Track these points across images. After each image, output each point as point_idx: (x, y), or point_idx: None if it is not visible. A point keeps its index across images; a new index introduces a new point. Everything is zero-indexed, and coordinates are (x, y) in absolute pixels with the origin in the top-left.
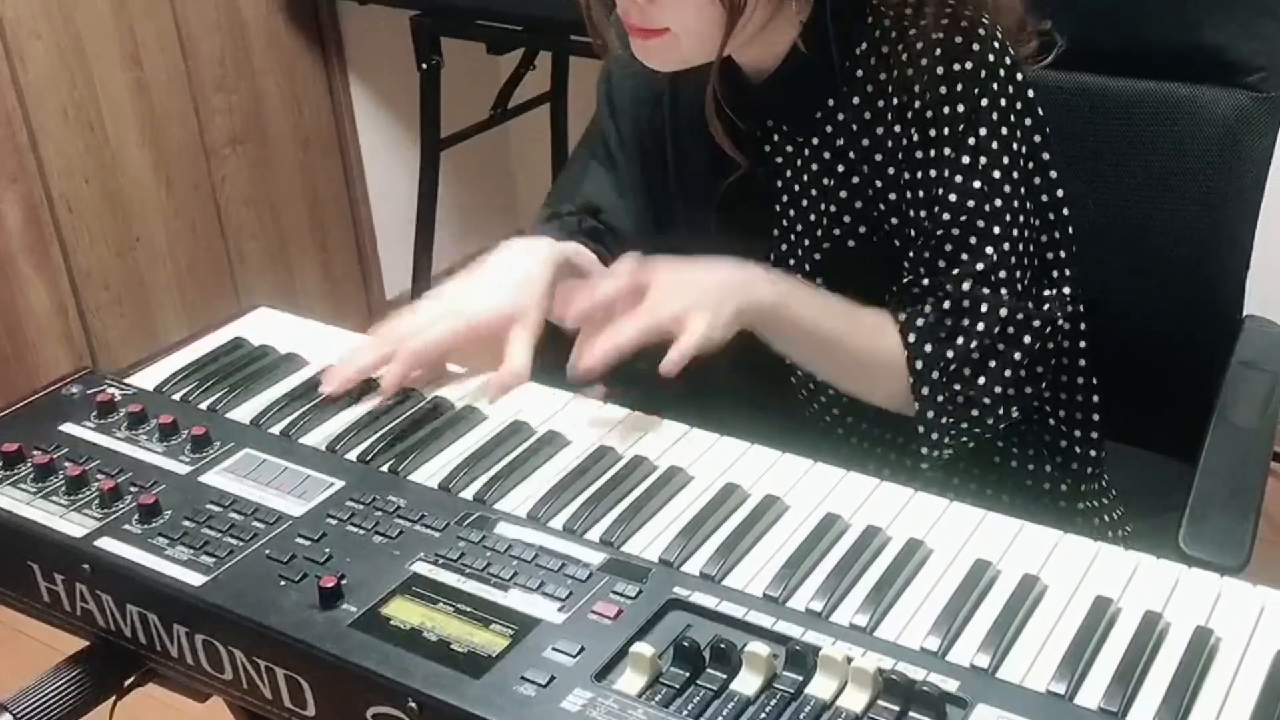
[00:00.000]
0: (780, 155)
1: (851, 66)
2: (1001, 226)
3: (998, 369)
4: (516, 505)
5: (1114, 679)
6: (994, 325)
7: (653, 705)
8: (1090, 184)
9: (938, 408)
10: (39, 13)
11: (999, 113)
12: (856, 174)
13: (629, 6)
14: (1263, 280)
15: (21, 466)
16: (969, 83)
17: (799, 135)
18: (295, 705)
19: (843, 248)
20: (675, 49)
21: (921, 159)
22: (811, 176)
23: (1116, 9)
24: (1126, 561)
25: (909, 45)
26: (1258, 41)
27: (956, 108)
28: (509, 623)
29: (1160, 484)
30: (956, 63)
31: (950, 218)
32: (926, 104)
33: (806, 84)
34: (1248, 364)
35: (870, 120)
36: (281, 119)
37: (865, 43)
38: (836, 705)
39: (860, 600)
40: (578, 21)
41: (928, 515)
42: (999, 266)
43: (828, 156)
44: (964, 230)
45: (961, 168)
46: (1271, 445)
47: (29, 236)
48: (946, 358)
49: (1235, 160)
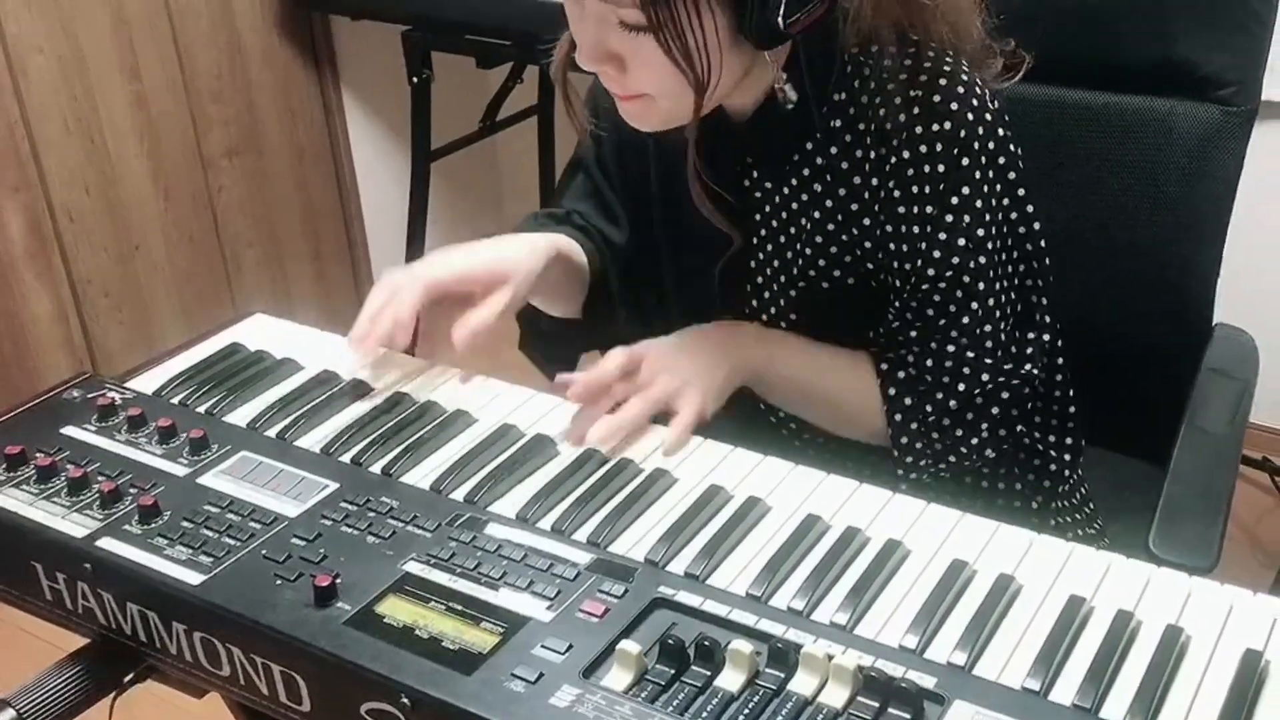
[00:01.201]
0: (759, 191)
1: (829, 114)
2: (985, 282)
3: (975, 422)
4: (506, 506)
5: (1087, 676)
6: (974, 386)
7: (639, 701)
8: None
9: (915, 453)
10: (41, 27)
11: (979, 170)
12: (832, 220)
13: (605, 77)
14: (1232, 289)
15: (24, 468)
16: (949, 143)
17: (776, 176)
18: (291, 701)
19: (817, 288)
20: (655, 111)
21: (904, 214)
22: (790, 215)
23: (1090, 24)
24: (1099, 562)
25: (887, 101)
26: (1228, 56)
27: (937, 167)
28: (499, 621)
29: (1131, 487)
30: (936, 123)
31: (935, 273)
32: (905, 161)
33: (783, 128)
34: (1217, 371)
35: (848, 169)
36: (277, 131)
37: (843, 92)
38: (818, 701)
39: (840, 599)
40: None
41: (906, 517)
42: (984, 321)
43: (805, 199)
44: (950, 285)
45: (945, 225)
46: (1240, 450)
47: (31, 245)
48: (925, 411)
49: (1206, 172)
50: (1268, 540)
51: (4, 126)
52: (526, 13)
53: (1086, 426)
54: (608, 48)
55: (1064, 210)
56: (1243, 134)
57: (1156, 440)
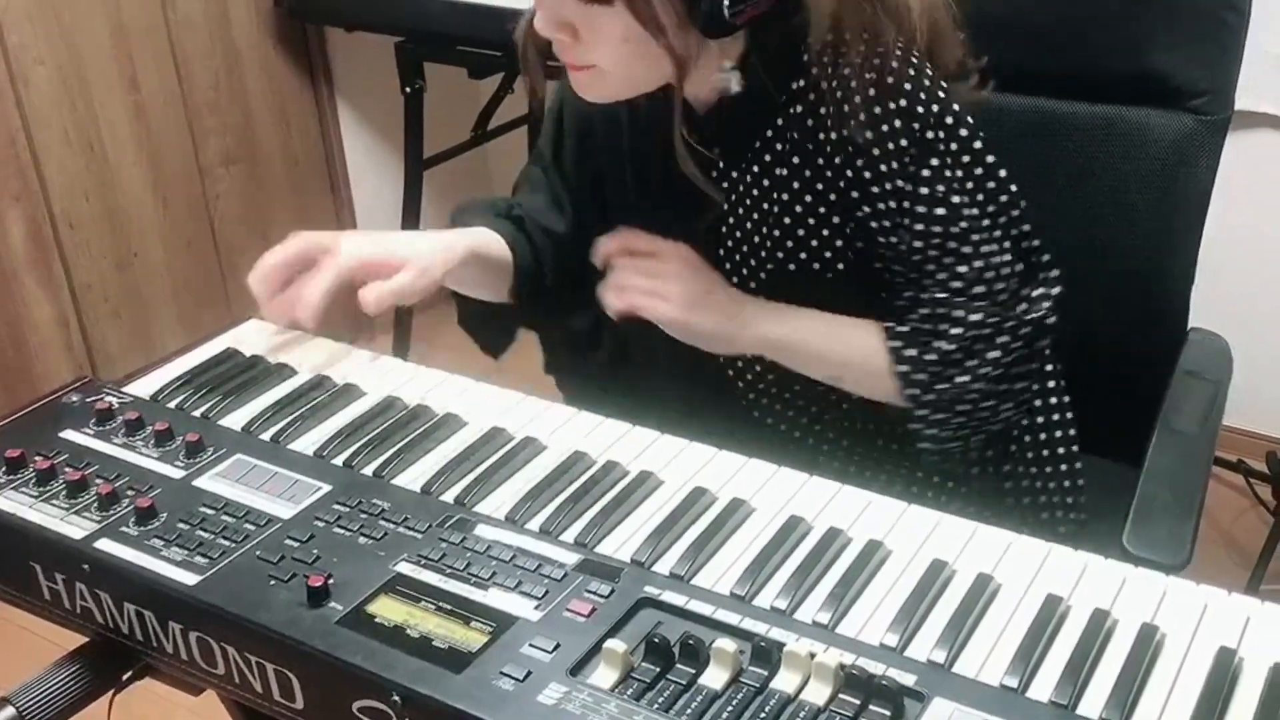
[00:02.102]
0: (726, 180)
1: (789, 100)
2: (971, 246)
3: (976, 366)
4: (495, 508)
5: (1064, 673)
6: (969, 330)
7: (625, 699)
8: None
9: (928, 406)
10: (42, 39)
11: (943, 143)
12: (799, 202)
13: (559, 45)
14: (1207, 294)
15: (24, 471)
16: (907, 118)
17: (739, 163)
18: (285, 699)
19: (784, 270)
20: (602, 83)
21: (878, 193)
22: (754, 201)
23: (1067, 36)
24: (1076, 561)
25: (843, 83)
26: (1201, 67)
27: (900, 142)
28: (488, 620)
29: (1107, 487)
30: (891, 100)
31: (921, 244)
32: (870, 141)
33: (744, 114)
34: (1191, 374)
35: (812, 150)
36: (272, 140)
37: (803, 79)
38: (800, 699)
39: (822, 598)
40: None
41: (887, 518)
42: (975, 283)
43: (767, 184)
44: (939, 252)
45: (921, 198)
46: (1213, 450)
47: (32, 252)
48: (928, 360)
49: (1181, 180)
50: (1242, 541)
51: (6, 136)
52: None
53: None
54: (562, 17)
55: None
56: (1216, 142)
57: (1131, 441)
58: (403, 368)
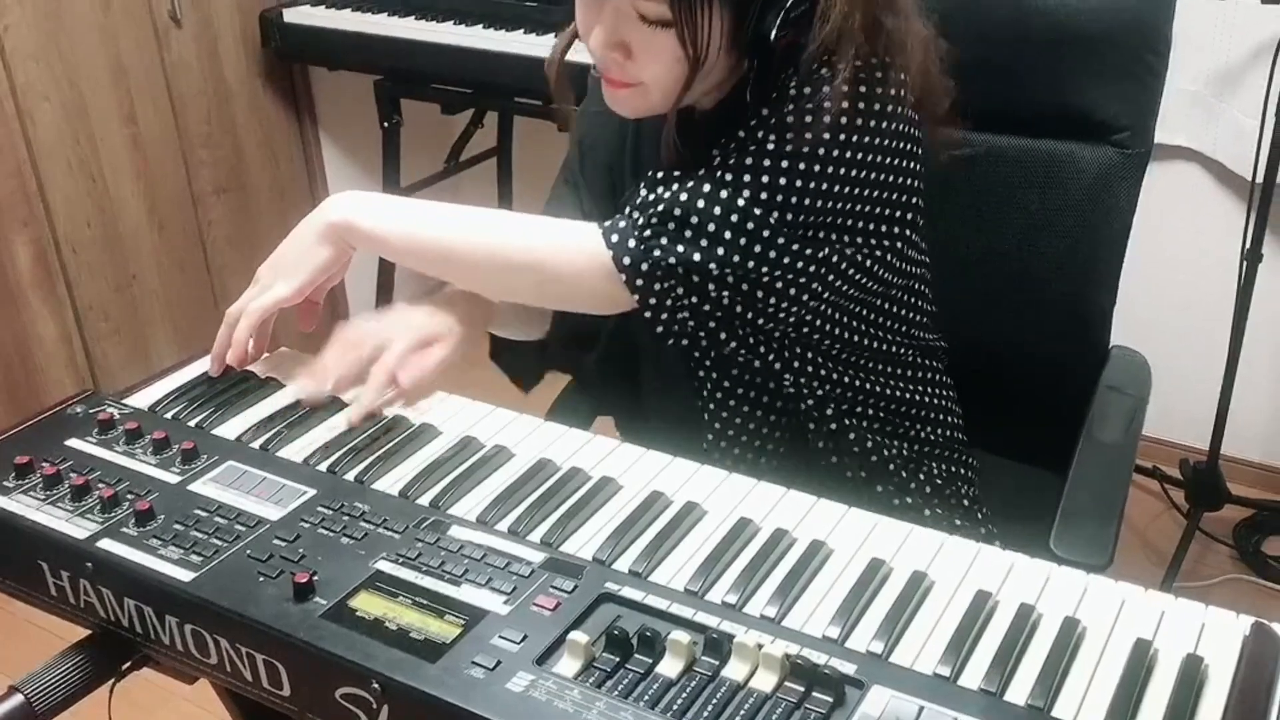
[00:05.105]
0: None
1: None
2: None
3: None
4: (467, 510)
5: (993, 662)
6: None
7: (587, 686)
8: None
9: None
10: (47, 78)
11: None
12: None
13: (609, 63)
14: (1128, 314)
15: (32, 476)
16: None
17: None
18: (273, 686)
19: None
20: (644, 98)
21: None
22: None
23: (998, 74)
24: (1003, 560)
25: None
26: (1123, 104)
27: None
28: (460, 614)
29: (1034, 493)
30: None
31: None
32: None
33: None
34: (1113, 388)
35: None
36: (260, 171)
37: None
38: (749, 686)
39: (770, 594)
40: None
41: (829, 520)
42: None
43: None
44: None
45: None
46: (1133, 459)
47: (38, 274)
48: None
49: (1104, 208)
50: (1157, 542)
51: (13, 167)
52: (486, 64)
53: (992, 436)
54: (619, 36)
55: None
56: (1138, 173)
57: (1057, 451)
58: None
